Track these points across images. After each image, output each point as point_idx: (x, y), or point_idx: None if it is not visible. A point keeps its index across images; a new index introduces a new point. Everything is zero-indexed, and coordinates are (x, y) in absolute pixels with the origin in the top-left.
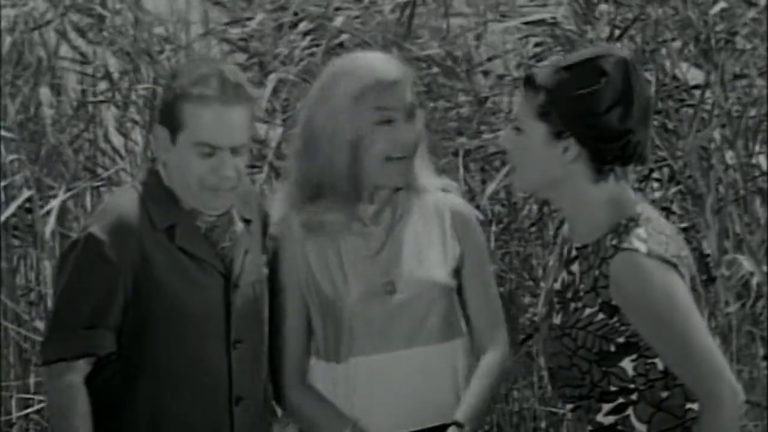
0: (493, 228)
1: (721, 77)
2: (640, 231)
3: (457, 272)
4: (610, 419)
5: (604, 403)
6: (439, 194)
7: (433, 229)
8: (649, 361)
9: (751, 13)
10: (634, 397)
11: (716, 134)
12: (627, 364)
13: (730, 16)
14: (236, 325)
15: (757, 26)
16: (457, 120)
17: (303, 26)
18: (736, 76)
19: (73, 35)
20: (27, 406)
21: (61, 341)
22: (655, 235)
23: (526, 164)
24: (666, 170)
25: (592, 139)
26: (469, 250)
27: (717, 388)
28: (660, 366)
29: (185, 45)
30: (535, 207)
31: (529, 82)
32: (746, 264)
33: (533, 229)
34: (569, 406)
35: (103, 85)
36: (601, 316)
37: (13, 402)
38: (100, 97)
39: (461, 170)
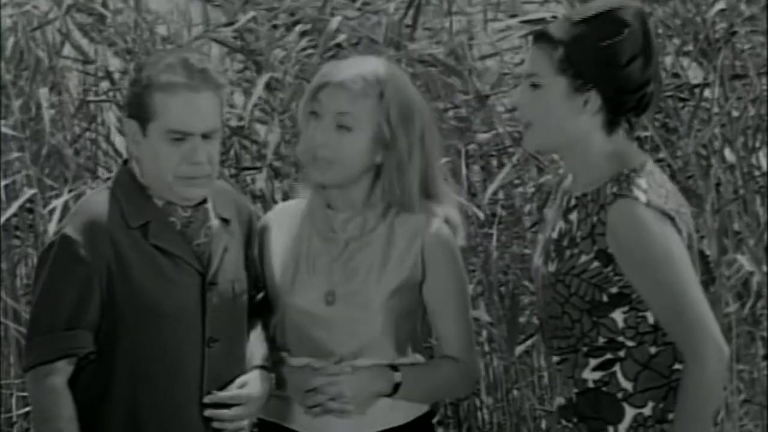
0: (494, 229)
1: (721, 76)
2: (641, 181)
3: (407, 294)
4: (596, 375)
5: (591, 357)
6: (422, 217)
7: (394, 250)
8: (640, 314)
9: (752, 11)
10: (622, 353)
11: (716, 133)
12: (618, 315)
13: (730, 15)
14: (212, 324)
15: (757, 25)
16: (457, 119)
17: (300, 27)
18: (736, 76)
19: (75, 35)
20: (27, 405)
21: (41, 344)
22: (655, 187)
23: (545, 121)
24: (666, 170)
25: (614, 91)
26: (436, 276)
27: (702, 344)
28: (650, 320)
29: (186, 44)
30: (535, 207)
31: (543, 37)
32: (746, 264)
33: (533, 229)
34: (555, 359)
35: (104, 85)
36: (596, 264)
37: (14, 400)
38: (102, 97)
39: (464, 170)
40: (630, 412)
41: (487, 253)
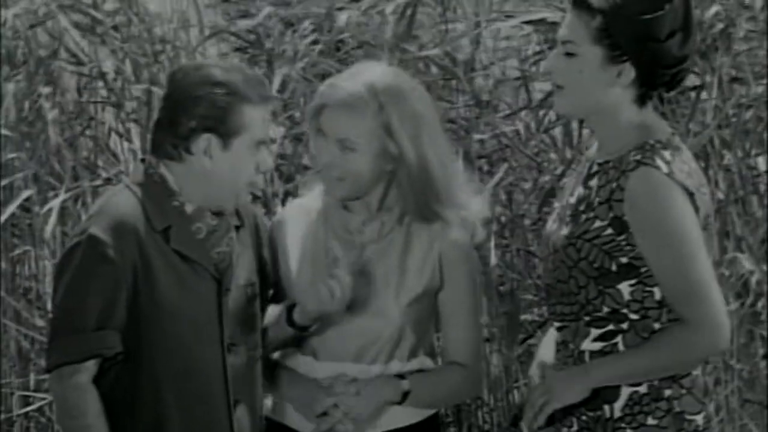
0: (494, 227)
1: (719, 79)
2: (666, 153)
3: (424, 301)
4: (597, 346)
5: (593, 328)
6: (440, 224)
7: (411, 260)
8: (647, 289)
9: (749, 14)
10: (624, 326)
11: (714, 135)
12: (624, 287)
13: (728, 16)
14: (229, 329)
15: (755, 27)
16: (456, 121)
17: (306, 24)
18: (734, 78)
19: (71, 34)
20: (27, 404)
21: (69, 344)
22: (679, 162)
23: (577, 88)
24: None
25: (650, 65)
26: (452, 283)
27: (704, 313)
28: (657, 296)
29: (185, 45)
30: (534, 207)
31: (582, 4)
32: (746, 263)
33: (533, 228)
34: (557, 325)
35: (100, 85)
36: (609, 230)
37: (14, 400)
38: (98, 98)
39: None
40: (626, 391)
41: (488, 251)
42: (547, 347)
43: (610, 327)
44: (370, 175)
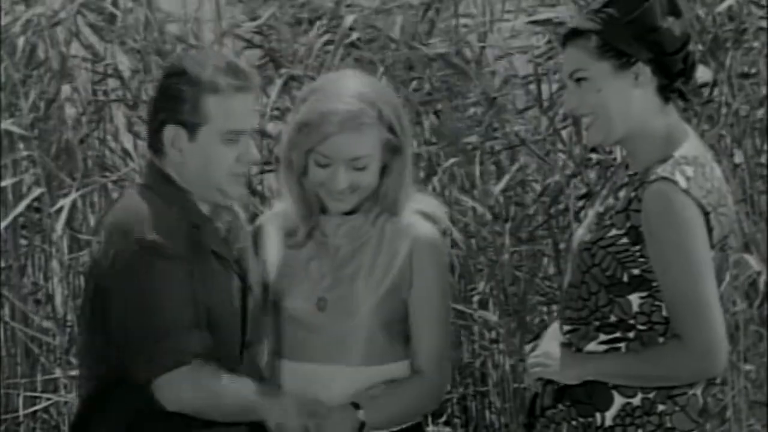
0: (507, 226)
1: (729, 76)
2: (688, 169)
3: (399, 300)
4: (601, 348)
5: (602, 333)
6: (412, 219)
7: (382, 256)
8: (656, 303)
9: (760, 12)
10: (631, 335)
11: (724, 133)
12: (634, 299)
13: (739, 14)
14: (250, 327)
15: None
16: (467, 119)
17: (318, 24)
18: (744, 75)
19: (85, 33)
20: (34, 405)
21: (173, 347)
22: (701, 180)
23: (605, 108)
24: None
25: (659, 54)
26: (421, 280)
27: (699, 334)
28: (665, 312)
29: (198, 43)
30: (545, 205)
31: (572, 35)
32: (754, 264)
33: (543, 227)
34: (566, 328)
35: (113, 84)
36: (625, 240)
37: (20, 400)
38: (112, 96)
39: (477, 169)
40: (619, 401)
41: (497, 251)
42: (549, 341)
43: (617, 334)
44: (375, 181)
